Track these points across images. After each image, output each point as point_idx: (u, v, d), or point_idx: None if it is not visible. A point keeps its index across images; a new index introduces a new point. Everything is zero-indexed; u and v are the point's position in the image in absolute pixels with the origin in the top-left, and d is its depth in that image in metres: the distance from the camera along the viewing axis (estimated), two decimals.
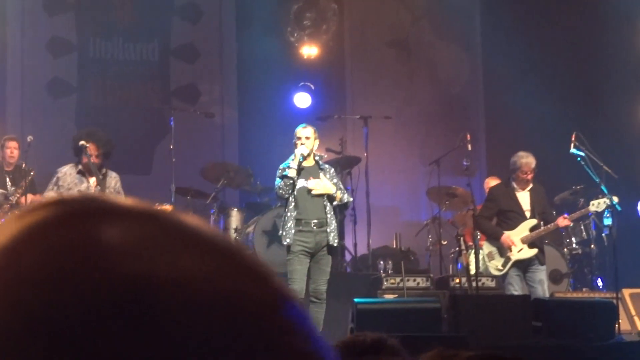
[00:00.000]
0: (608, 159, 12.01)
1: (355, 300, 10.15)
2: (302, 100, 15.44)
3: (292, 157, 10.63)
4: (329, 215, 10.53)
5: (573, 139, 11.78)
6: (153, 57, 16.40)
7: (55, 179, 10.62)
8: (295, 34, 15.55)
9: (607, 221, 11.88)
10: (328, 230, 10.48)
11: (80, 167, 10.56)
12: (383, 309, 10.37)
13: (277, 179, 10.59)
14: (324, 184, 10.59)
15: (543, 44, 16.63)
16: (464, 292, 11.68)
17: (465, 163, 12.37)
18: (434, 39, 17.19)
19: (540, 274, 11.56)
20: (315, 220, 10.49)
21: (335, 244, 10.51)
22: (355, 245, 13.42)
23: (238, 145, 16.42)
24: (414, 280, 12.14)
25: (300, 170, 10.50)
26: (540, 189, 11.84)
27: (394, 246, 14.00)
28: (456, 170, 13.30)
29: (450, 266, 13.46)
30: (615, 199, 11.51)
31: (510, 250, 11.49)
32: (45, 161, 13.54)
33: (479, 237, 12.82)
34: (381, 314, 10.08)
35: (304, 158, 10.55)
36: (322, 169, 10.72)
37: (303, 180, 10.54)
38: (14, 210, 12.06)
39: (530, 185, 11.64)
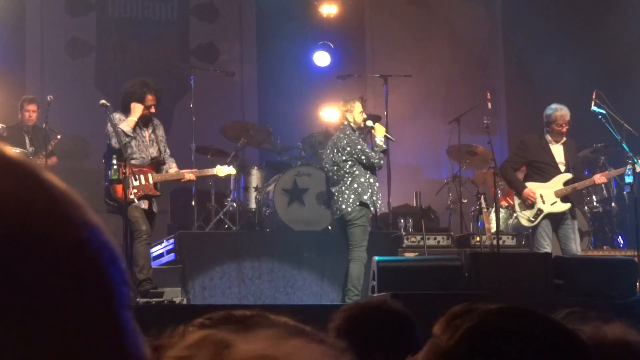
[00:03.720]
0: (629, 116, 11.93)
1: (376, 258, 10.18)
2: (322, 59, 15.41)
3: (358, 131, 11.08)
4: None
5: (594, 96, 11.69)
6: (172, 16, 16.36)
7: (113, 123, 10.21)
8: None
9: (628, 179, 11.78)
10: None
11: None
12: (404, 266, 10.40)
13: (374, 155, 10.95)
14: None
15: (563, 1, 16.50)
16: (484, 250, 11.67)
17: (485, 121, 12.30)
18: None
19: (573, 229, 11.40)
20: None
21: None
22: None
23: (257, 104, 16.41)
24: (435, 239, 12.14)
25: None
26: (573, 144, 11.65)
27: (415, 204, 13.99)
28: (477, 128, 13.26)
29: (471, 224, 13.46)
30: None
31: (543, 202, 11.33)
32: (65, 121, 13.59)
33: (499, 195, 12.79)
34: (402, 272, 10.10)
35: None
36: None
37: None
38: None
39: (564, 139, 11.47)
